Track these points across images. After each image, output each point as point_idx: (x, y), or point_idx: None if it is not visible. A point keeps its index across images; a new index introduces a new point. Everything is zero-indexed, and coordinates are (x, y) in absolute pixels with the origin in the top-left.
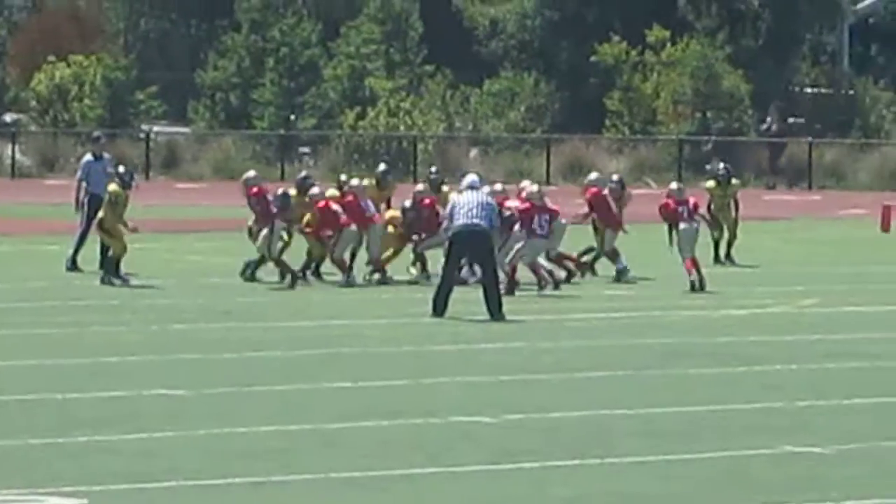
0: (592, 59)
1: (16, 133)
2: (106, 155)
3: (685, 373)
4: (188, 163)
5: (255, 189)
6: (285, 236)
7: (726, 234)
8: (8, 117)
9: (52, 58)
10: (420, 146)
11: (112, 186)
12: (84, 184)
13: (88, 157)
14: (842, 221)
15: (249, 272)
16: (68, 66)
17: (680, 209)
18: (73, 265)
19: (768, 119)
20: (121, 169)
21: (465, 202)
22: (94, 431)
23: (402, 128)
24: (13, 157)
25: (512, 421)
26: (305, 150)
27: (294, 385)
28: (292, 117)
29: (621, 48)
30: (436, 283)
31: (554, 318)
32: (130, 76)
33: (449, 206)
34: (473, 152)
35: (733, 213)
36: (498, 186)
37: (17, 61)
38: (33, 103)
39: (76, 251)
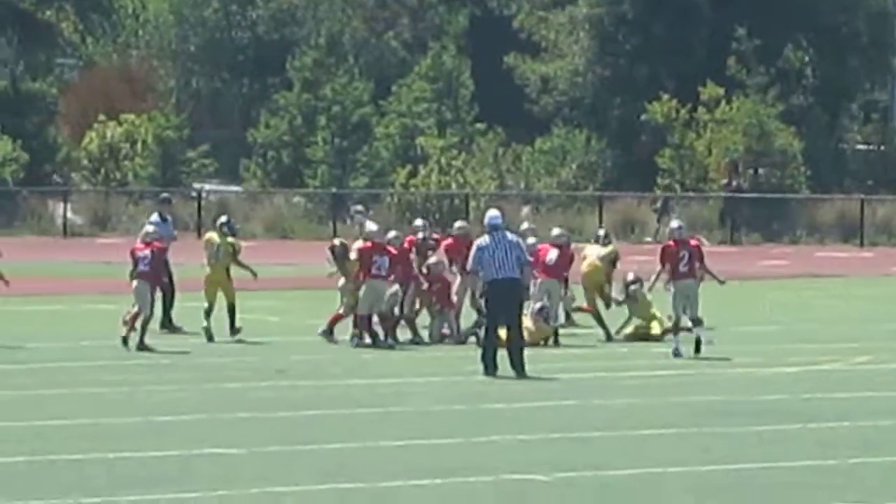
0: (643, 116)
1: (68, 192)
2: (168, 217)
3: (737, 430)
4: (240, 221)
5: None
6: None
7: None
8: (57, 178)
9: (103, 116)
10: (472, 204)
11: (229, 239)
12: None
13: (156, 217)
14: (894, 278)
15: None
16: (120, 124)
17: (681, 254)
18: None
19: (734, 178)
20: (223, 219)
21: (491, 246)
22: (146, 491)
23: (453, 186)
24: (65, 216)
25: (564, 479)
26: (358, 208)
27: (347, 444)
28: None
29: (671, 105)
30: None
31: (606, 376)
32: (182, 134)
33: (474, 249)
34: (525, 210)
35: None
36: (531, 240)
37: (68, 120)
38: (85, 162)
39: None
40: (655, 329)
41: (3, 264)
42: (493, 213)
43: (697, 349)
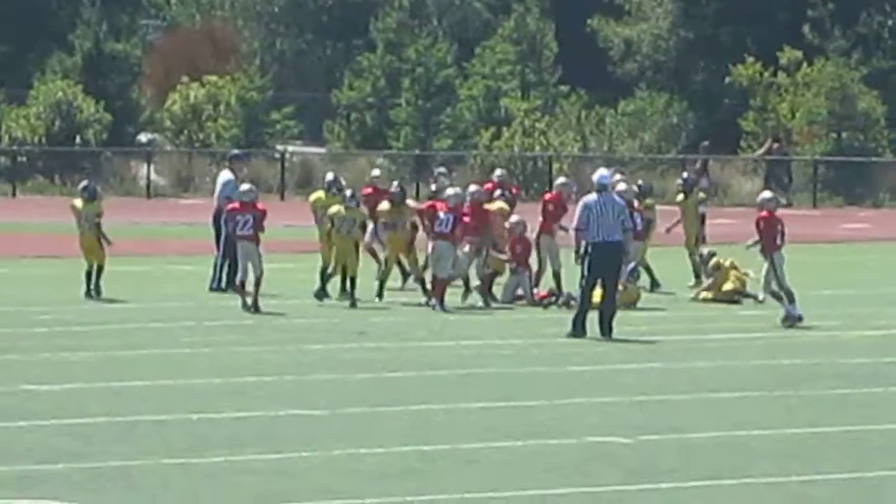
0: (727, 79)
1: (151, 153)
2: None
3: (820, 394)
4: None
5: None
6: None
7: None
8: (143, 137)
9: (186, 78)
10: (555, 166)
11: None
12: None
13: (228, 174)
14: None
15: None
16: (203, 86)
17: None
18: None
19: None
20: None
21: (598, 206)
22: (229, 452)
23: (537, 148)
24: (148, 178)
25: (647, 441)
26: (441, 170)
27: (429, 405)
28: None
29: (755, 69)
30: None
31: (690, 339)
32: (265, 96)
33: (580, 207)
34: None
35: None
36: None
37: (151, 81)
38: (168, 123)
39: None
40: (728, 286)
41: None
42: (602, 171)
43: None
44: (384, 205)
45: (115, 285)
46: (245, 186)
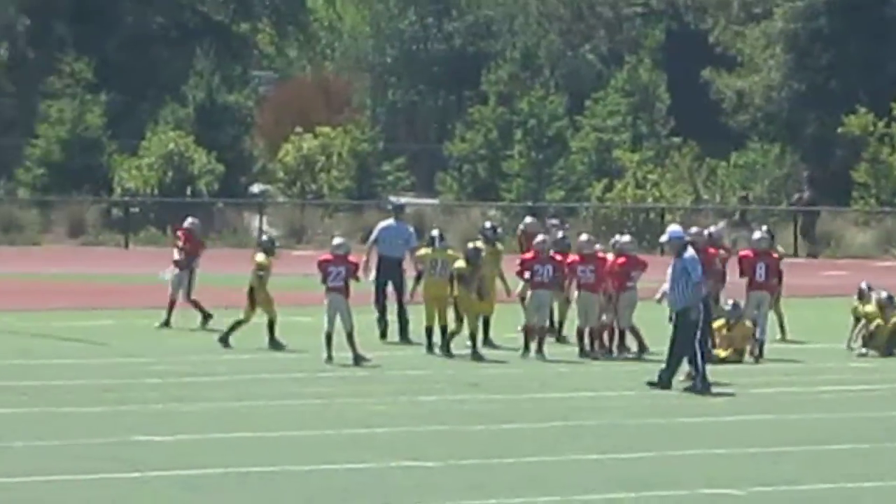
0: (840, 130)
1: (263, 204)
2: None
3: None
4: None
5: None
6: None
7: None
8: (255, 188)
9: (299, 129)
10: (667, 217)
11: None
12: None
13: (392, 221)
14: None
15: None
16: (315, 137)
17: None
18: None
19: (802, 190)
20: (470, 245)
21: (671, 270)
22: (341, 503)
23: (649, 199)
24: (260, 228)
25: (759, 493)
26: (553, 221)
27: (542, 457)
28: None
29: (867, 119)
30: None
31: (801, 391)
32: (377, 147)
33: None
34: (721, 224)
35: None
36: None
37: (263, 132)
38: (281, 174)
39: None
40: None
41: (200, 274)
42: (673, 228)
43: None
44: (459, 262)
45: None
46: (338, 240)
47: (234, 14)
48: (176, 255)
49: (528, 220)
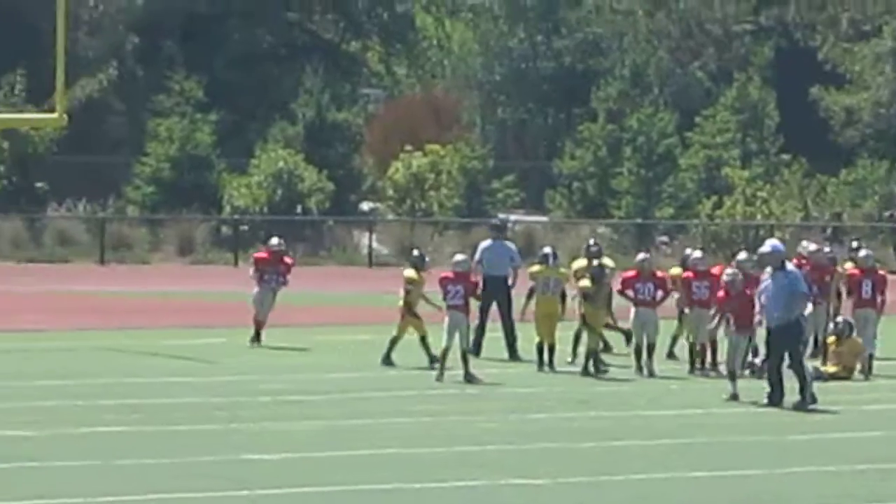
0: None
1: (373, 222)
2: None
3: None
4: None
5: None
6: None
7: None
8: (365, 206)
9: (408, 147)
10: (777, 234)
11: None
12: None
13: (490, 242)
14: None
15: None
16: (425, 155)
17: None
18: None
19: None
20: (595, 262)
21: (768, 285)
22: None
23: (758, 216)
24: (370, 246)
25: None
26: (664, 239)
27: (651, 474)
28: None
29: None
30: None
31: None
32: (487, 165)
33: (761, 287)
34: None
35: None
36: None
37: (373, 150)
38: (390, 192)
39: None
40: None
41: (308, 294)
42: (772, 242)
43: None
44: (584, 281)
45: (336, 354)
46: (460, 257)
47: (343, 32)
48: (262, 276)
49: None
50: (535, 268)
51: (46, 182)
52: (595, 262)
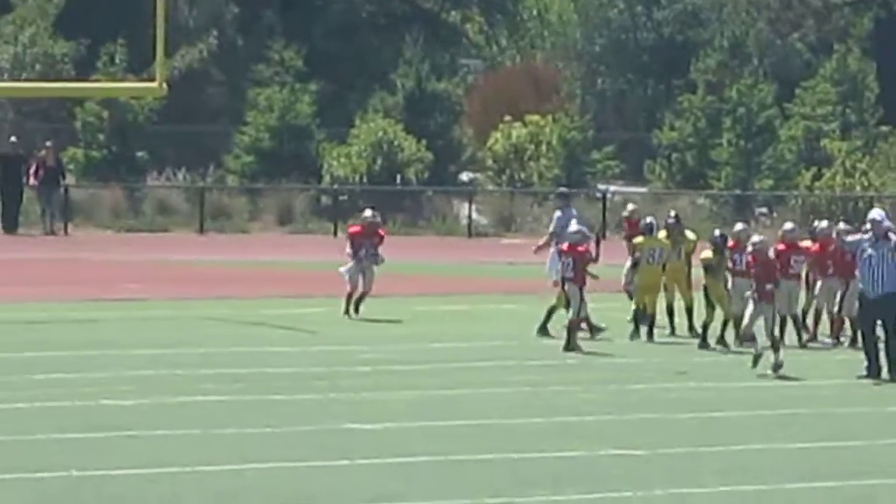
0: None
1: (473, 192)
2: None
3: None
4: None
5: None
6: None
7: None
8: (465, 176)
9: (508, 117)
10: (876, 206)
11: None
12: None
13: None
14: None
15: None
16: (524, 125)
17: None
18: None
19: None
20: (716, 232)
21: (870, 254)
22: (550, 491)
23: (858, 188)
24: (470, 217)
25: None
26: (763, 210)
27: (750, 445)
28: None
29: None
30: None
31: None
32: (587, 136)
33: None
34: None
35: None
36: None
37: (473, 120)
38: (490, 163)
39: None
40: None
41: (407, 263)
42: (876, 212)
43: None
44: (706, 252)
45: (436, 324)
46: (574, 227)
47: (443, 2)
48: (357, 250)
49: (631, 206)
50: (639, 239)
51: (146, 151)
52: (717, 233)
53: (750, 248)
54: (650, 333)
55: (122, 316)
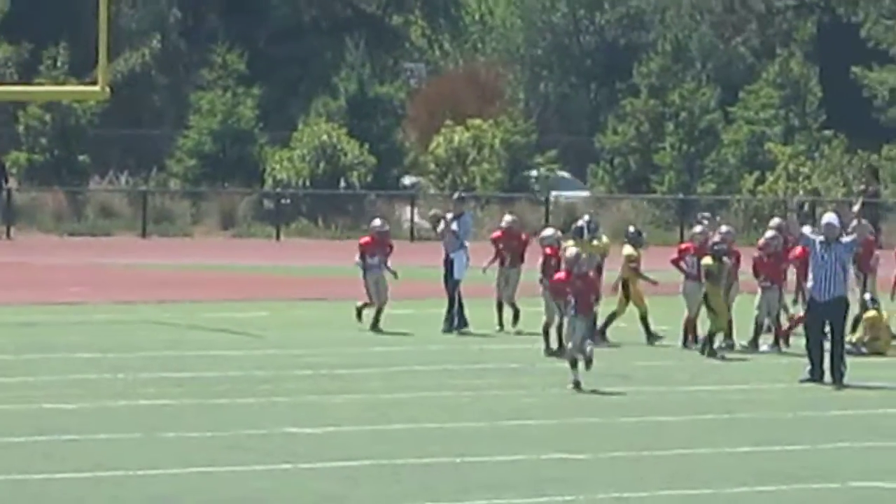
0: None
1: (415, 196)
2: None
3: None
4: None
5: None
6: None
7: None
8: (407, 180)
9: (450, 121)
10: (818, 210)
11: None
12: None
13: (449, 215)
14: None
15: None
16: (467, 129)
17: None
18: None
19: (871, 184)
20: (716, 238)
21: (822, 258)
22: (494, 495)
23: (801, 192)
24: (412, 220)
25: None
26: (705, 214)
27: (694, 449)
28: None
29: None
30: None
31: None
32: (529, 140)
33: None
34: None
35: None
36: None
37: (415, 125)
38: (432, 167)
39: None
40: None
41: (351, 267)
42: (830, 217)
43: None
44: (707, 259)
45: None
46: (548, 232)
47: (385, 6)
48: (369, 260)
49: (508, 217)
50: (569, 243)
51: (89, 155)
52: (716, 239)
53: (567, 258)
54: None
55: (64, 319)
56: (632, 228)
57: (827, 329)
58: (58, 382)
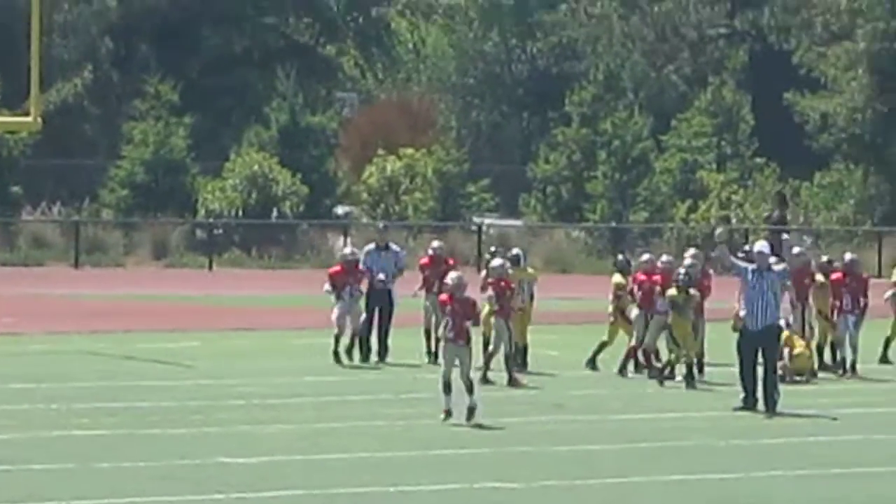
0: None
1: (348, 225)
2: (392, 246)
3: None
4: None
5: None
6: None
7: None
8: (340, 210)
9: (382, 150)
10: (751, 238)
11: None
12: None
13: (372, 246)
14: None
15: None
16: (399, 158)
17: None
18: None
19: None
20: (681, 271)
21: (754, 286)
22: None
23: (733, 220)
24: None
25: None
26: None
27: (627, 478)
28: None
29: None
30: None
31: (887, 411)
32: (462, 169)
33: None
34: (807, 243)
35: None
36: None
37: (348, 154)
38: (365, 196)
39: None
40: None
41: (283, 297)
42: (761, 244)
43: None
44: (672, 291)
45: (308, 358)
46: (496, 262)
47: (318, 36)
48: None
49: (435, 243)
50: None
51: (21, 185)
52: (682, 270)
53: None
54: (523, 363)
55: None
56: (620, 256)
57: (759, 357)
58: None
